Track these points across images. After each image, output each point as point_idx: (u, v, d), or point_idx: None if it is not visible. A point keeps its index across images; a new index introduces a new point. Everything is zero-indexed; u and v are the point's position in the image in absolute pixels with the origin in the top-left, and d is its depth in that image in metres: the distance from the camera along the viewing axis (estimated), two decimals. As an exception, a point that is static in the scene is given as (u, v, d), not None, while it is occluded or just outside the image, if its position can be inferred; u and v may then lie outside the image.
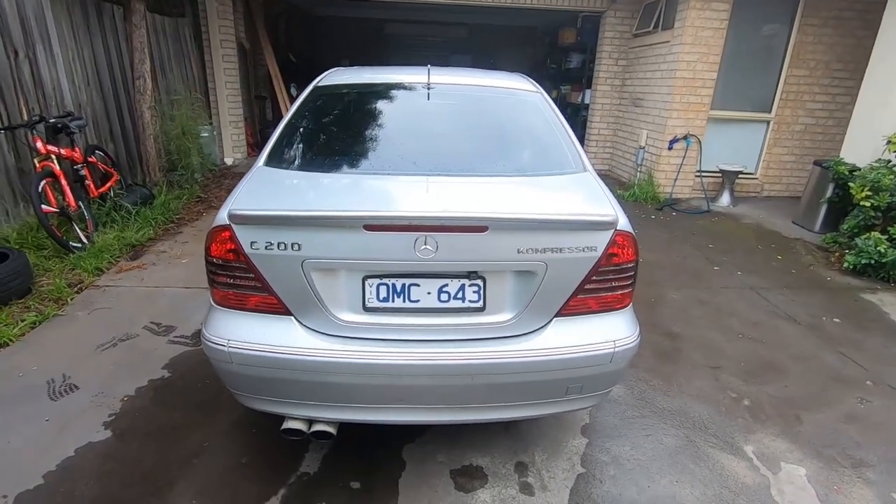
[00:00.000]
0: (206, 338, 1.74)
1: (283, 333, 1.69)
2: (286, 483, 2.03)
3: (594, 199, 1.87)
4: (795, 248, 5.03)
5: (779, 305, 3.78)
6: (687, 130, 6.37)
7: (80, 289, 3.59)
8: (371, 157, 2.14)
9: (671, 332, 3.32)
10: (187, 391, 2.57)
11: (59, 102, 4.76)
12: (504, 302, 1.72)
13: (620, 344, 1.77)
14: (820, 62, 6.29)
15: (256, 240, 1.61)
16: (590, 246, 1.67)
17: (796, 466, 2.23)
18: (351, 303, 1.69)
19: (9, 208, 4.20)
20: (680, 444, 2.33)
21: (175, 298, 3.52)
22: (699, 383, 2.80)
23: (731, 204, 6.42)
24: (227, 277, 1.70)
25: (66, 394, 2.51)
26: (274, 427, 2.25)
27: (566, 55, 9.60)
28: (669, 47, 6.31)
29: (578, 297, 1.74)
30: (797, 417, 2.55)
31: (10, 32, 4.20)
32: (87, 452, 2.15)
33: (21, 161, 4.29)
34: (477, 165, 2.07)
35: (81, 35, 5.10)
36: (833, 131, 6.58)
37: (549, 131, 2.33)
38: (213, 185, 6.46)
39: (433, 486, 2.03)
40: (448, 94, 2.46)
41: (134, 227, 4.61)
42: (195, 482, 2.02)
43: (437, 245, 1.59)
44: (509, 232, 1.61)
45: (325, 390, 1.74)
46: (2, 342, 2.87)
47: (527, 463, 2.18)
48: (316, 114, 2.44)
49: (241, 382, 1.78)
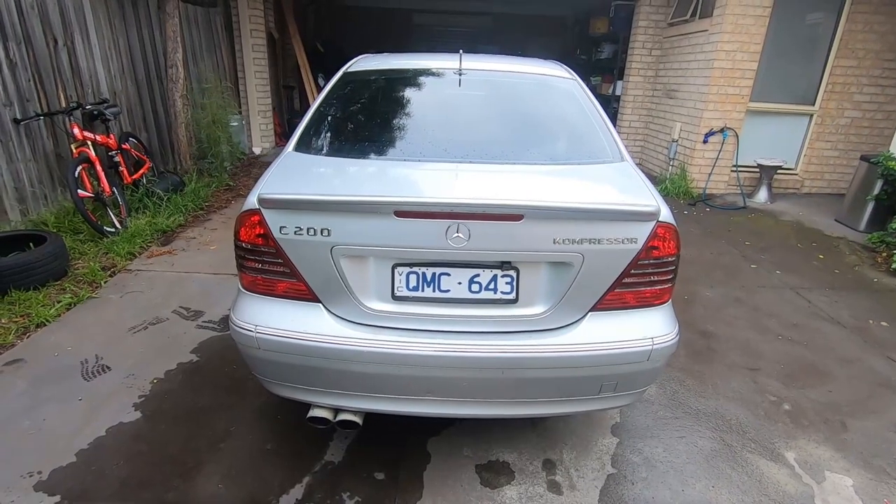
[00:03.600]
0: (234, 323, 1.73)
1: (311, 320, 1.67)
2: (311, 471, 2.02)
3: (634, 189, 1.78)
4: (838, 248, 4.79)
5: (821, 307, 3.60)
6: (724, 123, 6.13)
7: (113, 272, 3.67)
8: (401, 143, 2.09)
9: (705, 331, 3.20)
10: (215, 375, 2.59)
11: (96, 90, 4.86)
12: (538, 294, 1.65)
13: (658, 341, 1.68)
14: (870, 52, 5.95)
15: (286, 224, 1.58)
16: (630, 237, 1.59)
17: (842, 476, 2.11)
18: (380, 291, 1.65)
19: (47, 192, 4.31)
20: (716, 447, 2.23)
21: (204, 284, 3.56)
22: (736, 385, 2.68)
23: (769, 200, 6.16)
24: (256, 262, 1.68)
25: (99, 374, 2.56)
26: (298, 414, 2.26)
27: (597, 45, 9.37)
28: (707, 36, 6.06)
29: (616, 291, 1.67)
30: (842, 424, 2.42)
31: (50, 21, 4.29)
32: (118, 432, 2.18)
33: (59, 147, 4.40)
34: (510, 153, 2.00)
35: (117, 24, 5.19)
36: (882, 125, 6.24)
37: (584, 119, 2.24)
38: (242, 174, 6.53)
39: (459, 480, 1.99)
40: (480, 80, 2.39)
41: (165, 213, 4.68)
42: (222, 466, 2.03)
43: (469, 233, 1.54)
44: (546, 221, 1.54)
45: (352, 379, 1.71)
46: (39, 322, 2.95)
47: (555, 461, 2.12)
48: (345, 100, 2.41)
49: (267, 368, 1.77)
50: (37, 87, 4.19)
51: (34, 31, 4.13)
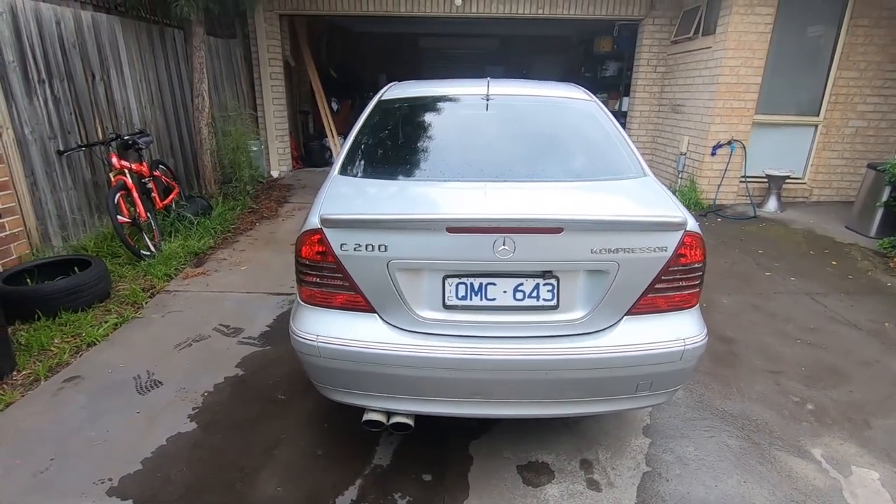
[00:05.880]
0: (296, 333, 1.87)
1: (368, 329, 1.81)
2: (361, 473, 2.14)
3: (660, 201, 1.93)
4: (850, 254, 4.89)
5: (837, 311, 3.70)
6: (731, 135, 6.30)
7: (152, 293, 3.84)
8: (439, 164, 2.26)
9: (725, 337, 3.30)
10: (260, 388, 2.73)
11: (128, 121, 5.11)
12: (577, 300, 1.79)
13: (690, 342, 1.81)
14: (871, 63, 6.13)
15: (346, 242, 1.74)
16: (661, 246, 1.74)
17: (868, 470, 2.20)
18: (431, 301, 1.80)
19: (86, 219, 4.53)
20: (744, 445, 2.33)
21: (239, 302, 3.72)
22: (759, 387, 2.78)
23: (779, 209, 6.29)
24: (316, 277, 1.84)
25: (152, 388, 2.70)
26: (345, 421, 2.40)
27: (602, 63, 9.62)
28: (711, 53, 6.27)
29: (648, 297, 1.80)
30: (865, 422, 2.51)
31: (89, 58, 4.56)
32: (178, 441, 2.32)
33: (96, 175, 4.62)
34: (542, 171, 2.17)
35: (147, 58, 5.47)
36: (886, 133, 6.38)
37: (606, 137, 2.40)
38: (263, 197, 6.75)
39: (503, 480, 2.10)
40: (507, 104, 2.57)
41: (196, 236, 4.88)
42: (278, 470, 2.15)
43: (514, 246, 1.69)
44: (584, 233, 1.69)
45: (405, 383, 1.84)
46: (91, 341, 3.11)
47: (591, 460, 2.23)
48: (382, 125, 2.59)
49: (326, 375, 1.91)
50: (77, 119, 4.43)
51: (75, 69, 4.40)
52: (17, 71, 3.81)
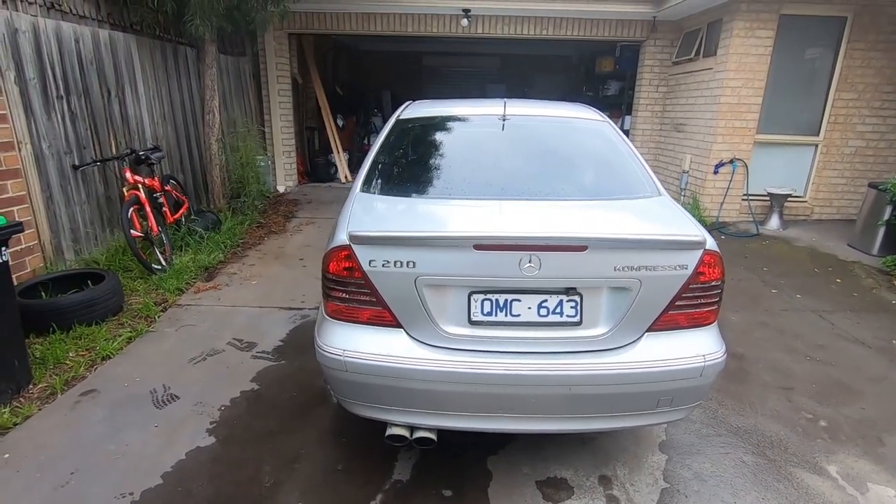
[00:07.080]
0: (322, 348, 1.90)
1: (394, 344, 1.84)
2: (382, 488, 2.15)
3: (678, 220, 1.99)
4: (854, 272, 4.95)
5: (844, 328, 3.74)
6: (732, 154, 6.40)
7: (164, 307, 3.86)
8: (457, 183, 2.31)
9: (736, 353, 3.33)
10: (277, 402, 2.74)
11: (141, 137, 5.19)
12: (600, 316, 1.83)
13: (710, 358, 1.85)
14: (869, 85, 6.26)
15: (374, 258, 1.78)
16: (681, 264, 1.78)
17: (884, 487, 2.22)
18: (457, 316, 1.83)
19: (98, 233, 4.56)
20: (760, 462, 2.35)
21: (251, 317, 3.74)
22: (771, 404, 2.81)
23: (781, 227, 6.36)
24: (343, 292, 1.87)
25: (169, 402, 2.71)
26: (363, 436, 2.42)
27: (603, 82, 9.78)
28: (713, 74, 6.41)
29: (669, 314, 1.84)
30: (879, 439, 2.53)
31: (105, 75, 4.65)
32: (197, 455, 2.32)
33: (108, 189, 4.68)
34: (560, 190, 2.22)
35: (160, 75, 5.57)
36: (885, 153, 6.49)
37: (621, 157, 2.47)
38: (271, 212, 6.80)
39: (523, 496, 2.12)
40: (524, 124, 2.63)
41: (206, 250, 4.92)
42: (299, 485, 2.16)
43: (539, 263, 1.73)
44: (607, 251, 1.74)
45: (430, 398, 1.87)
46: (105, 354, 3.12)
47: (610, 476, 2.24)
48: (401, 144, 2.65)
49: (351, 390, 1.93)
50: (92, 135, 4.50)
51: (92, 85, 4.48)
52: (37, 87, 3.88)
